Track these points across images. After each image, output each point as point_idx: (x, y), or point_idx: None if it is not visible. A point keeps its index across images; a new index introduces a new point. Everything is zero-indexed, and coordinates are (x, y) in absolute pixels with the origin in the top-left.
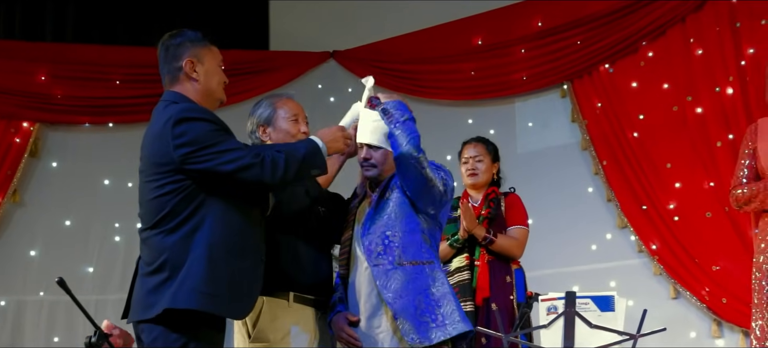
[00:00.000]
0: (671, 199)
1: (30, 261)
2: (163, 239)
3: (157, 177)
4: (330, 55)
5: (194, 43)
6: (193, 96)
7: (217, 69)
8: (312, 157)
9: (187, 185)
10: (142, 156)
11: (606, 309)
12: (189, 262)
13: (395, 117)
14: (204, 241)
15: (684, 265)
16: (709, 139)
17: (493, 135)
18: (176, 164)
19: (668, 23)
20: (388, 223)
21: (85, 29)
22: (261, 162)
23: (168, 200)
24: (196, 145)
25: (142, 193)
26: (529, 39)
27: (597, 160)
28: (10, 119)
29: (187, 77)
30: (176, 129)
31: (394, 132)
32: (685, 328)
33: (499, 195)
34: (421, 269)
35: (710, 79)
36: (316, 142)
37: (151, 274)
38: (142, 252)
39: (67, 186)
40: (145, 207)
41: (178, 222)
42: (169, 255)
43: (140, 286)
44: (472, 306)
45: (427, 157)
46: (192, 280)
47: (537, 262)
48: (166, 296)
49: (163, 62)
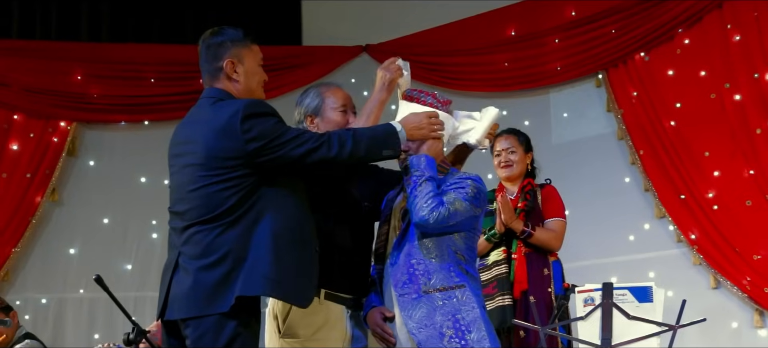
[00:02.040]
0: (710, 188)
1: (69, 259)
2: (222, 233)
3: (219, 171)
4: (362, 49)
5: (235, 43)
6: (235, 94)
7: (257, 68)
8: (384, 138)
9: (250, 180)
10: (192, 150)
11: (644, 300)
12: (254, 251)
13: (412, 179)
14: (267, 232)
15: (724, 254)
16: (748, 126)
17: (527, 126)
18: (247, 158)
19: (705, 9)
20: (414, 250)
21: (120, 28)
22: (328, 140)
23: (231, 194)
24: (266, 139)
25: (190, 186)
26: (563, 28)
27: (634, 150)
28: (48, 119)
29: (228, 77)
30: (245, 124)
31: (411, 197)
32: (726, 319)
33: (535, 187)
34: (451, 295)
35: (748, 65)
36: (393, 126)
37: (211, 268)
38: (186, 245)
39: (104, 184)
40: (198, 200)
41: (238, 215)
42: (232, 247)
43: (197, 282)
44: (511, 299)
45: (447, 202)
46: (261, 267)
47: (575, 253)
48: (236, 285)
49: (204, 60)
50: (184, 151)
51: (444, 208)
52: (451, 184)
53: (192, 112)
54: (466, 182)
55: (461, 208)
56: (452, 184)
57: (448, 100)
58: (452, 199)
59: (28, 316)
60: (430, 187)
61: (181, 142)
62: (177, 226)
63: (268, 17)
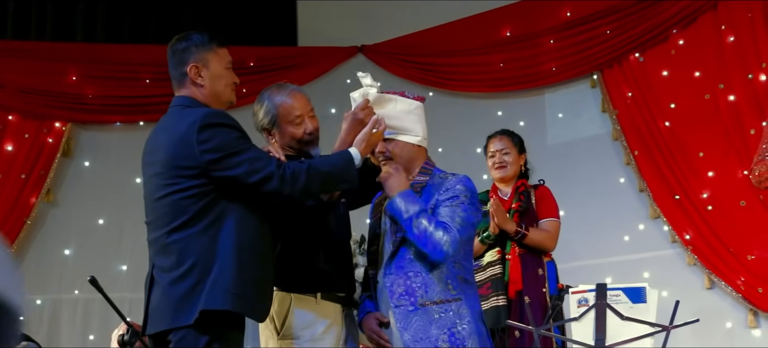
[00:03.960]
0: (704, 189)
1: (64, 260)
2: (189, 242)
3: (178, 180)
4: (358, 50)
5: (199, 48)
6: (201, 100)
7: (223, 72)
8: (340, 172)
9: (211, 188)
10: (156, 159)
11: (638, 301)
12: (219, 264)
13: (405, 226)
14: (231, 244)
15: (719, 254)
16: (742, 126)
17: (523, 127)
18: (201, 169)
19: (699, 10)
20: (410, 263)
21: (115, 29)
22: (281, 174)
23: (192, 202)
24: (222, 152)
25: (155, 195)
26: (558, 29)
27: (628, 151)
28: (42, 119)
29: (193, 82)
30: (202, 134)
31: (417, 243)
32: (720, 319)
33: (528, 188)
34: (447, 308)
35: (743, 66)
36: (350, 154)
37: (179, 280)
38: (157, 257)
39: (99, 185)
40: (162, 209)
41: (205, 224)
42: (198, 257)
43: (166, 294)
44: (505, 300)
45: (452, 224)
46: (224, 281)
47: (569, 254)
48: (200, 299)
49: (171, 67)
50: (151, 160)
51: (453, 233)
52: (443, 200)
53: (160, 121)
54: (456, 189)
55: (465, 221)
56: (445, 199)
57: (421, 97)
58: (454, 218)
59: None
60: (426, 223)
61: (148, 151)
62: (150, 238)
63: (263, 18)
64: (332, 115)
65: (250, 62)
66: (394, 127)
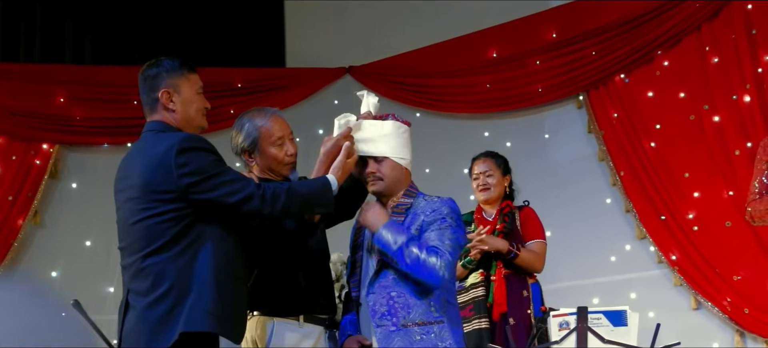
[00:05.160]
0: (690, 209)
1: (51, 282)
2: (165, 266)
3: (154, 204)
4: (346, 71)
5: (170, 73)
6: (174, 125)
7: (194, 97)
8: (318, 196)
9: (188, 212)
10: (130, 184)
11: (618, 324)
12: (197, 286)
13: (395, 256)
14: (208, 267)
15: (705, 275)
16: (727, 147)
17: (509, 147)
18: (180, 193)
19: (683, 32)
20: (394, 283)
21: (103, 50)
22: (262, 195)
23: (169, 226)
24: (200, 176)
25: (129, 220)
26: (544, 50)
27: (614, 171)
28: (30, 141)
29: (164, 108)
30: (179, 158)
31: (411, 273)
32: (707, 339)
33: (513, 209)
34: (429, 330)
35: (727, 87)
36: (327, 180)
37: (156, 304)
38: (132, 281)
39: (86, 206)
40: (137, 233)
41: (178, 247)
42: (174, 281)
43: (142, 319)
44: (488, 322)
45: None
46: (203, 302)
47: (556, 275)
48: (179, 321)
49: (142, 92)
50: (124, 186)
51: (445, 256)
52: (430, 222)
53: (134, 146)
54: (442, 212)
55: (455, 244)
56: (432, 221)
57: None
58: (444, 241)
59: None
60: (417, 251)
61: (121, 177)
62: (123, 263)
63: (251, 39)
64: (320, 136)
65: (237, 83)
66: (385, 148)
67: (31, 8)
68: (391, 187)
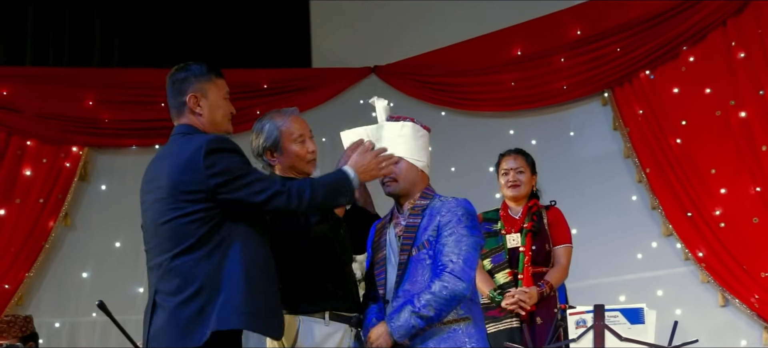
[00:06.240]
0: (717, 206)
1: (82, 283)
2: (194, 266)
3: (183, 204)
4: (371, 71)
5: (198, 78)
6: (201, 128)
7: (221, 102)
8: (339, 187)
9: (216, 212)
10: (159, 185)
11: (635, 321)
12: (227, 284)
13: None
14: (238, 265)
15: (732, 272)
16: (754, 143)
17: (534, 145)
18: (209, 193)
19: (709, 27)
20: (418, 286)
21: (131, 54)
22: (288, 191)
23: (197, 227)
24: (229, 176)
25: (158, 220)
26: (569, 47)
27: (640, 168)
28: (60, 144)
29: (191, 111)
30: (207, 159)
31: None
32: (734, 336)
33: (540, 208)
34: (455, 329)
35: (753, 82)
36: (346, 173)
37: (186, 303)
38: (160, 282)
39: (116, 208)
40: (164, 234)
41: (208, 247)
42: (205, 280)
43: (173, 318)
44: (518, 322)
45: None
46: (234, 300)
47: (582, 272)
48: (210, 320)
49: (170, 96)
50: (152, 187)
51: (457, 269)
52: (445, 224)
53: (161, 149)
54: (456, 213)
55: (471, 247)
56: (446, 222)
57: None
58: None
59: (42, 340)
60: (430, 296)
61: (149, 179)
62: (151, 264)
63: (277, 40)
64: None
65: (263, 84)
66: (401, 149)
67: (60, 13)
68: (406, 188)
